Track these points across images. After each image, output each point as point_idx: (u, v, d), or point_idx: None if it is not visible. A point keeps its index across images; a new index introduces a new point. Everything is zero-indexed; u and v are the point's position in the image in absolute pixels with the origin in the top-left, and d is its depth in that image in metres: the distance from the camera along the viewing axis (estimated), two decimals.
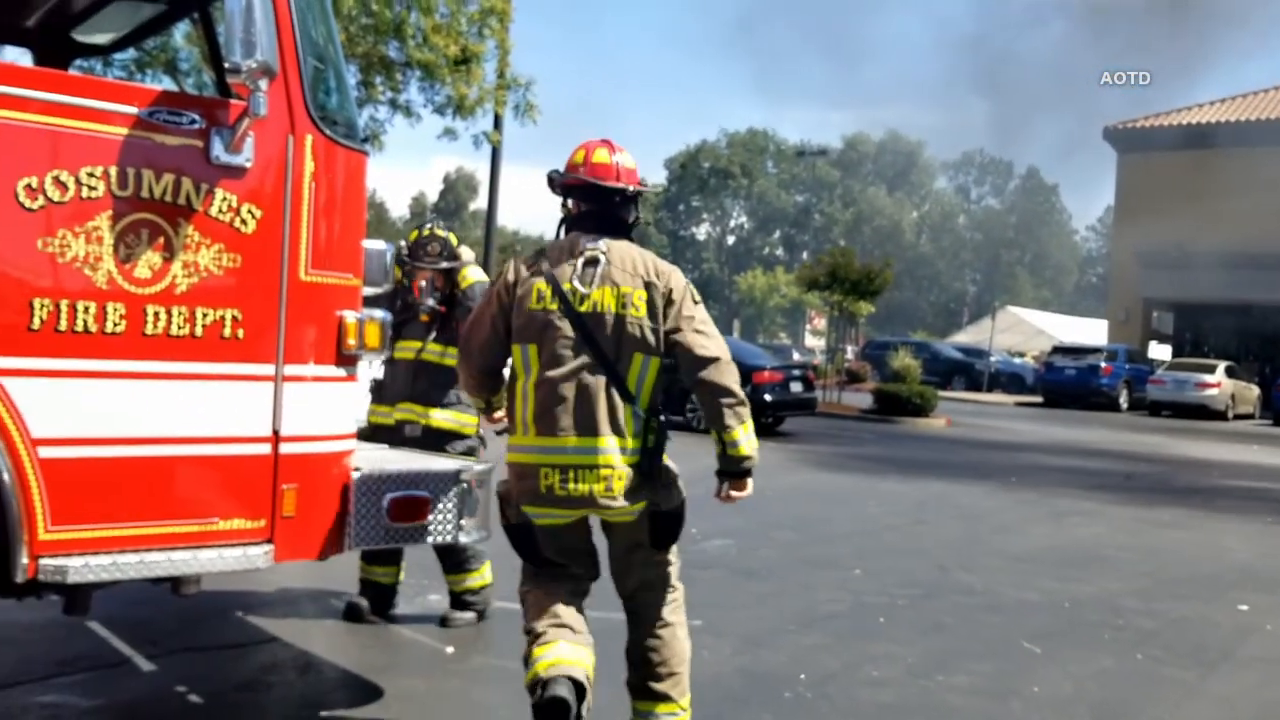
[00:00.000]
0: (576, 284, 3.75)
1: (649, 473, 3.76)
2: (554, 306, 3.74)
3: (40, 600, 3.56)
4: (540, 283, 3.76)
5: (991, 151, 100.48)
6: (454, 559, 5.55)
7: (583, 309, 3.73)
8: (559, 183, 3.97)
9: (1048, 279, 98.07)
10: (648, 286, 3.79)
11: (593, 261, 3.78)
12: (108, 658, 4.81)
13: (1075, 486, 13.08)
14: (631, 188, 3.91)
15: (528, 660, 3.67)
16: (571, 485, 3.69)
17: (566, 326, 3.73)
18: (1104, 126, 39.41)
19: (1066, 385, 31.40)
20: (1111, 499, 12.17)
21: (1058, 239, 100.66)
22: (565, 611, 3.78)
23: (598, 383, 3.73)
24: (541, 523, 3.80)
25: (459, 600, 5.66)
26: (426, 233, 5.60)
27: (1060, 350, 33.86)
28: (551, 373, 3.72)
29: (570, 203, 3.98)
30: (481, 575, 5.64)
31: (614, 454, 3.71)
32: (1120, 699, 5.06)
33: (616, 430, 3.72)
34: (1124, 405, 30.80)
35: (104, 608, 4.91)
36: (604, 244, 3.83)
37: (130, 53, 14.18)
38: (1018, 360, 43.04)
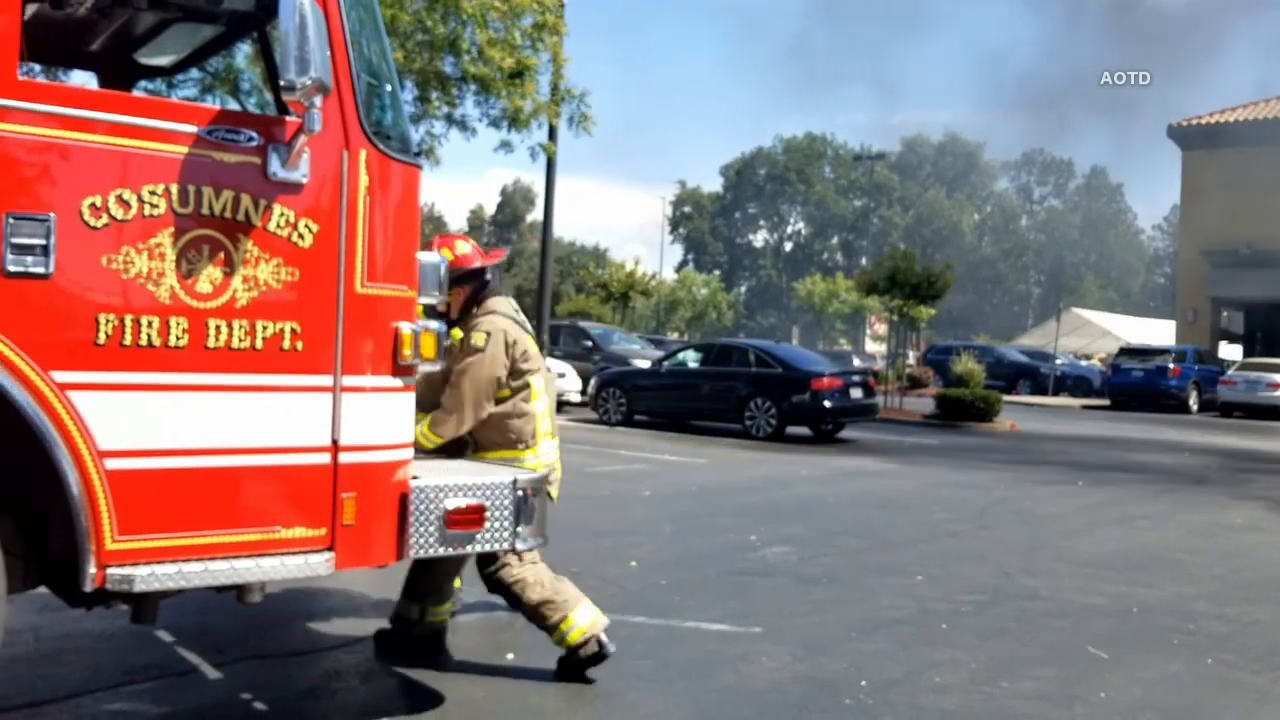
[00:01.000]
0: (529, 328, 5.14)
1: None
2: (535, 346, 5.11)
3: (108, 609, 3.65)
4: (526, 336, 5.04)
5: (1052, 151, 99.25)
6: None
7: (536, 345, 5.15)
8: (450, 280, 4.93)
9: (1113, 279, 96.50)
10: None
11: (519, 312, 5.18)
12: (175, 666, 4.91)
13: (1144, 489, 12.84)
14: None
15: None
16: (559, 469, 5.21)
17: (540, 357, 5.15)
18: (1168, 124, 38.77)
19: (1134, 387, 30.87)
20: (1182, 502, 11.93)
21: (1123, 239, 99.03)
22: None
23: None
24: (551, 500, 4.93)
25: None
26: None
27: (1127, 352, 33.26)
28: (546, 392, 5.11)
29: (456, 290, 4.99)
30: None
31: None
32: (1190, 704, 4.96)
33: None
34: (1194, 407, 30.17)
35: (170, 617, 5.04)
36: (506, 303, 5.14)
37: (195, 73, 14.49)
38: (1084, 363, 42.35)
